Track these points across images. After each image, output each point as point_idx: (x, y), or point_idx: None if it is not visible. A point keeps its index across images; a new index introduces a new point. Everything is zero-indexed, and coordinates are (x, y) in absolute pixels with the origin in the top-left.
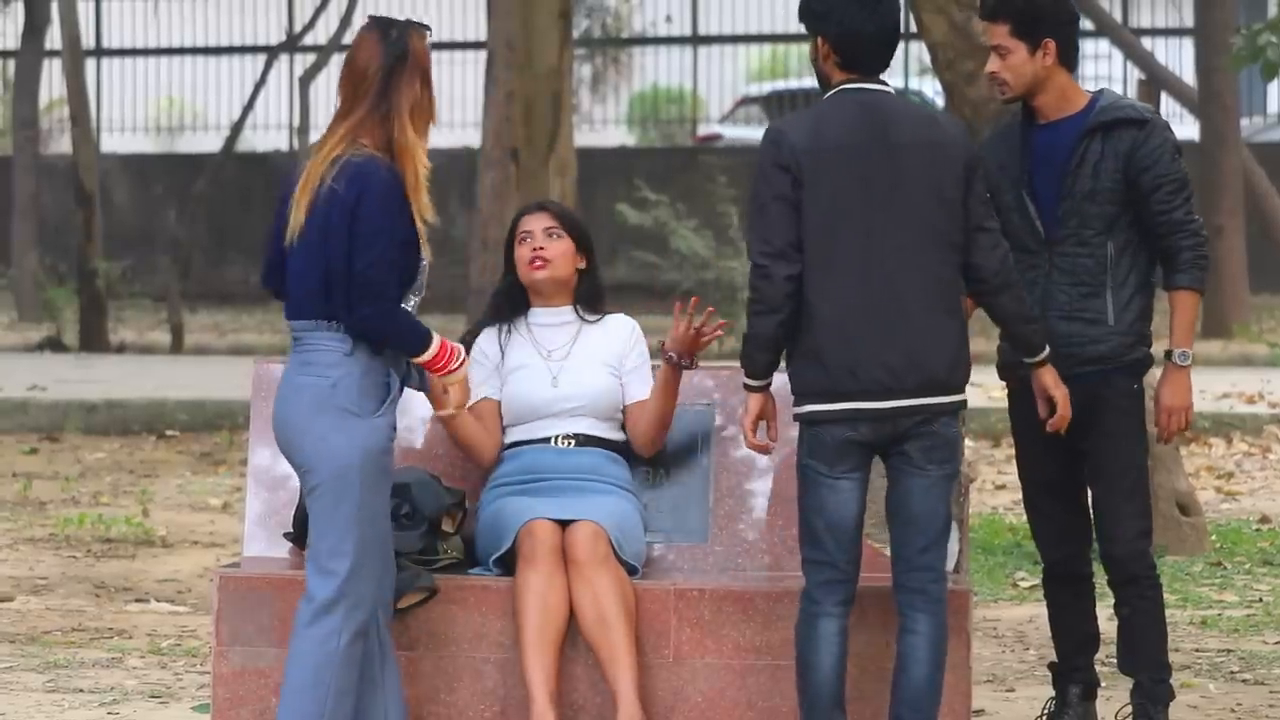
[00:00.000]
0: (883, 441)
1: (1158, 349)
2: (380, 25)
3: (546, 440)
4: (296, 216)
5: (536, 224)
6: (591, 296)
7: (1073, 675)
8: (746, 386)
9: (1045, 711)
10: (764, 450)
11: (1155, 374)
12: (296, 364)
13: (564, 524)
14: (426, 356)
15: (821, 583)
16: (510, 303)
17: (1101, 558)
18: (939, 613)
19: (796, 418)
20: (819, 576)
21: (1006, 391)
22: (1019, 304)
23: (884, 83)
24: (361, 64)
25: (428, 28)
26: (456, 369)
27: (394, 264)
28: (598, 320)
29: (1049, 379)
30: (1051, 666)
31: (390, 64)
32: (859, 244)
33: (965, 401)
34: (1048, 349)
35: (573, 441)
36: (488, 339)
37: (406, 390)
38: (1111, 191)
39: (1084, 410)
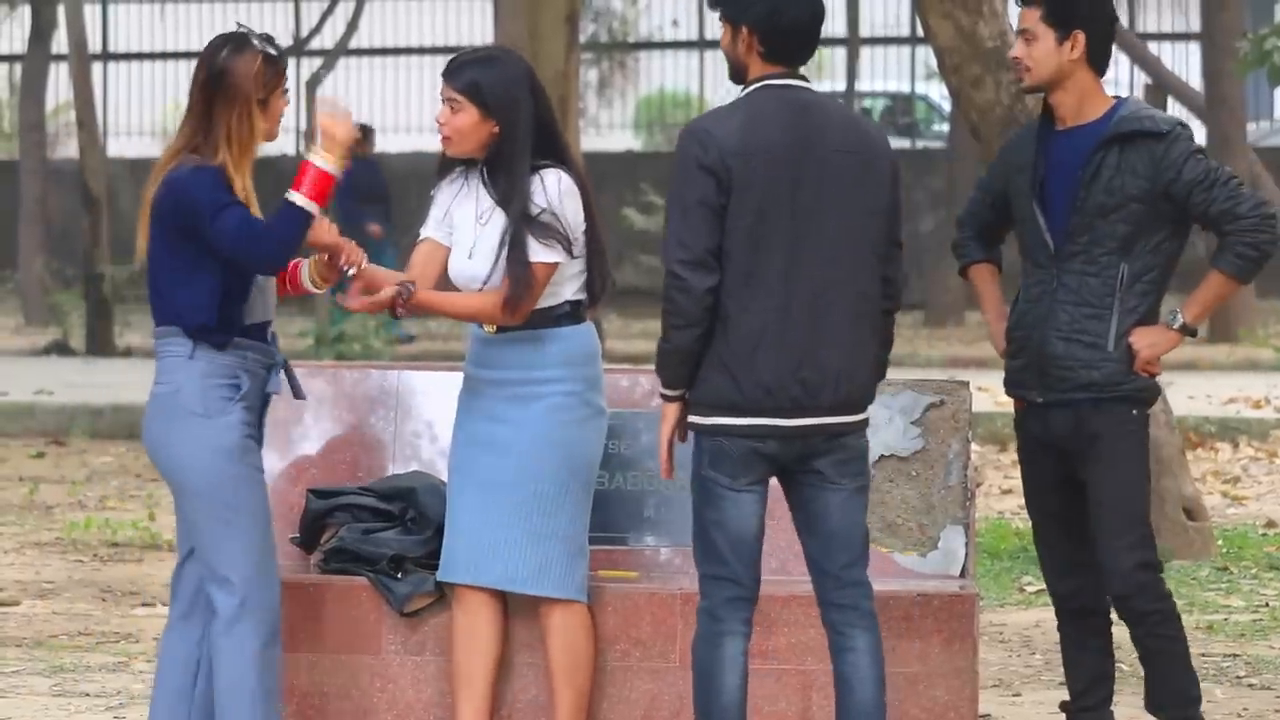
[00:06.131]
0: (788, 458)
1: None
2: (214, 43)
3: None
4: (140, 238)
5: (444, 90)
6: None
7: (1081, 716)
8: (664, 396)
9: None
10: (670, 474)
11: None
12: (156, 377)
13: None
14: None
15: (725, 600)
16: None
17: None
18: (874, 627)
19: (696, 428)
20: (722, 594)
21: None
22: (892, 330)
23: (804, 78)
24: (194, 82)
25: (260, 43)
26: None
27: (239, 215)
28: None
29: None
30: (1063, 706)
31: (210, 91)
32: (784, 254)
33: (868, 420)
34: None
35: (494, 328)
36: (447, 184)
37: (409, 396)
38: (1127, 209)
39: (1077, 437)
